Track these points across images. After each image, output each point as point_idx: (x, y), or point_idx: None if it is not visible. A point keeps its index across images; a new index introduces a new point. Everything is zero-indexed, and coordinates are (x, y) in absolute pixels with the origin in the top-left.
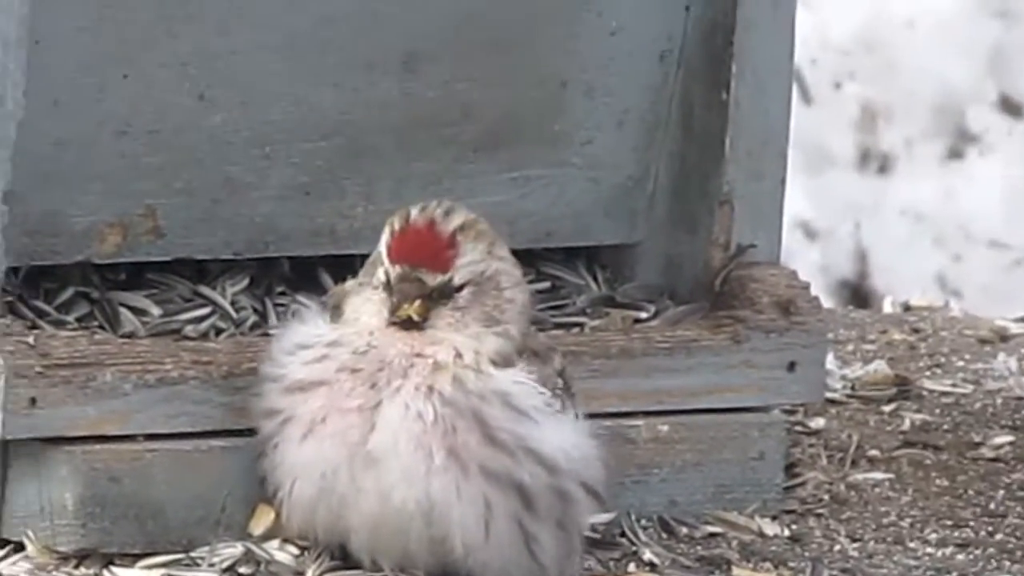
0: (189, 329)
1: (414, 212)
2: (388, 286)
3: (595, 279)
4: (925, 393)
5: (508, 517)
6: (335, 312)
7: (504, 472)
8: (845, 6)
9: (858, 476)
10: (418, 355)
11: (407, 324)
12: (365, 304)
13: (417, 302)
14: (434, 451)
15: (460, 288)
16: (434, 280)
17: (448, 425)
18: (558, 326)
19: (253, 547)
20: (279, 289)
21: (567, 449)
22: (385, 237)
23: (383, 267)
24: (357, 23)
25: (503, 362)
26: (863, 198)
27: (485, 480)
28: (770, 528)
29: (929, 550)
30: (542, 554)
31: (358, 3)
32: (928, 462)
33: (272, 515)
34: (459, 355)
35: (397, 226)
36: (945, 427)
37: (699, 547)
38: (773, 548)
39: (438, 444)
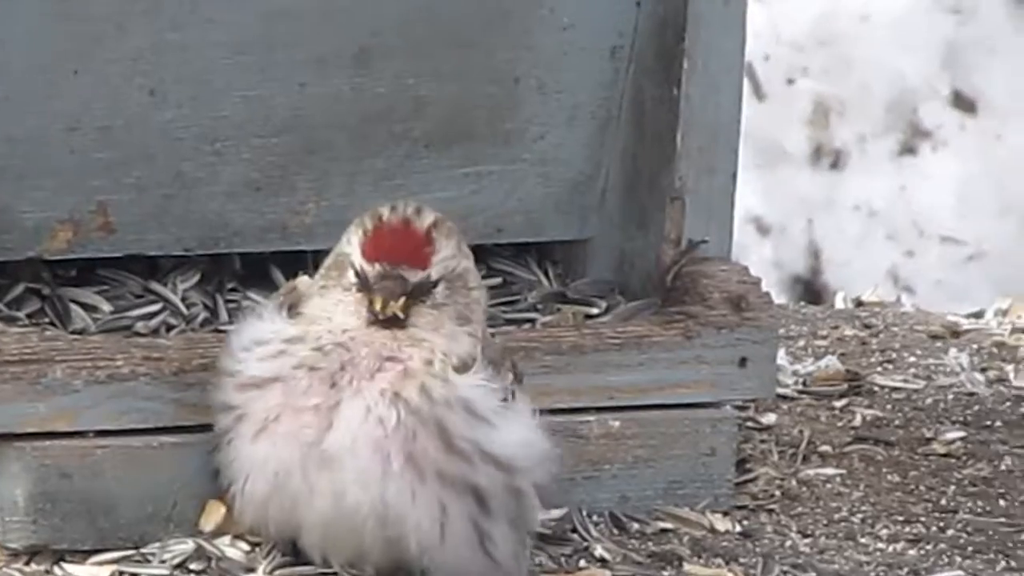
0: (140, 326)
1: (385, 212)
2: (366, 285)
3: (546, 275)
4: (876, 389)
5: (463, 519)
6: (291, 312)
7: (460, 477)
8: (799, 1)
9: (809, 472)
10: (390, 359)
11: (390, 322)
12: (337, 306)
13: (401, 299)
14: (392, 456)
15: (436, 284)
16: (415, 277)
17: (409, 432)
18: (509, 322)
19: (204, 543)
20: (230, 285)
21: (521, 448)
22: (356, 238)
23: (355, 267)
24: (309, 18)
25: (464, 366)
26: (816, 194)
27: (441, 485)
28: (721, 524)
29: (880, 545)
30: (496, 551)
31: None
32: (879, 458)
33: (223, 511)
34: (430, 361)
35: (370, 225)
36: (896, 423)
37: (650, 543)
38: (724, 544)
39: (397, 449)
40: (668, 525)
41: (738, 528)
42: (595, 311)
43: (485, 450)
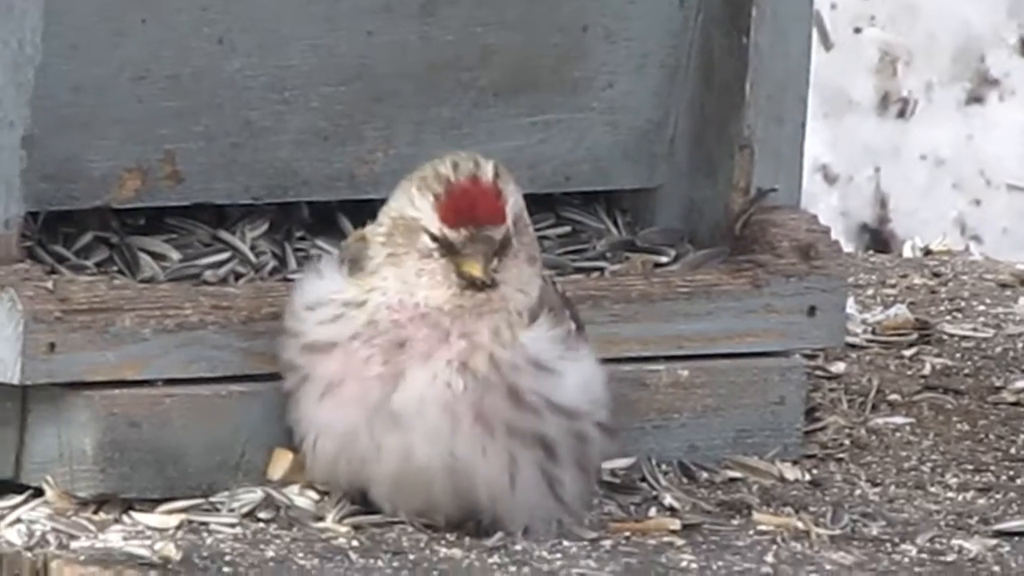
0: (208, 274)
1: (449, 171)
2: (454, 251)
3: (615, 223)
4: (946, 337)
5: (533, 467)
6: (353, 266)
7: (530, 429)
8: None
9: (879, 421)
10: (462, 334)
11: (484, 285)
12: (420, 277)
13: (494, 260)
14: (461, 415)
15: (512, 234)
16: (499, 233)
17: (478, 394)
18: (578, 270)
19: (273, 492)
20: (298, 234)
21: (584, 392)
22: (426, 203)
23: (435, 234)
24: None
25: (533, 317)
26: (883, 143)
27: (510, 437)
28: (790, 473)
29: (950, 494)
30: (565, 494)
31: None
32: (949, 406)
33: (290, 458)
34: (498, 331)
35: (440, 188)
36: (966, 371)
37: (719, 492)
38: (794, 493)
39: (465, 409)
40: (737, 474)
41: (807, 477)
42: (664, 260)
43: (553, 401)
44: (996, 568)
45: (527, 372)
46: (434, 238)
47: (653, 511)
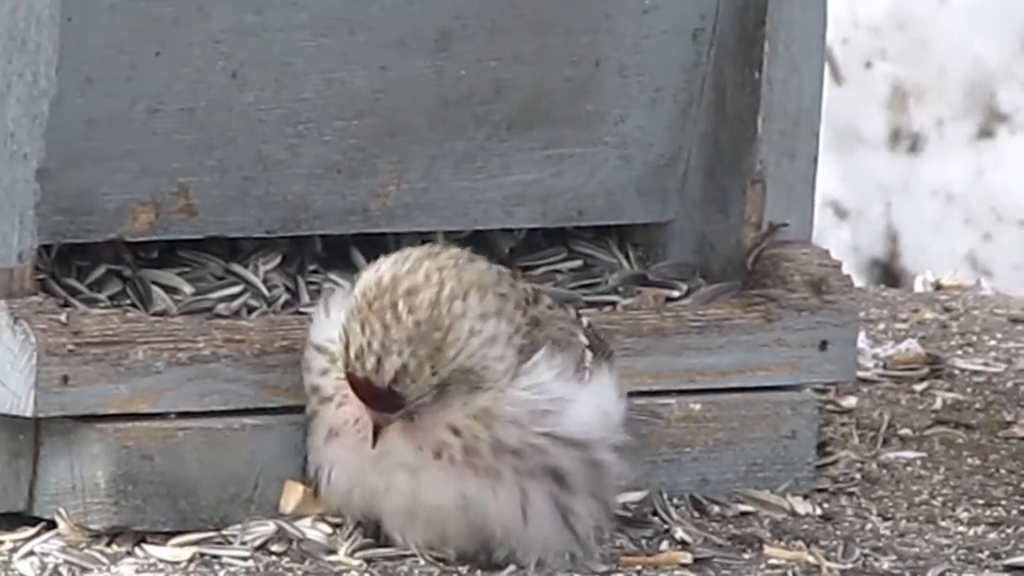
0: (221, 307)
1: (352, 360)
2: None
3: (627, 257)
4: (957, 372)
5: (545, 499)
6: None
7: (538, 464)
8: None
9: (890, 455)
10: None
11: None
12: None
13: (391, 423)
14: (464, 471)
15: (423, 400)
16: (394, 415)
17: (475, 455)
18: (590, 304)
19: (285, 525)
20: (311, 267)
21: (597, 418)
22: (339, 360)
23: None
24: (389, 1)
25: (525, 357)
26: (894, 177)
27: (518, 475)
28: (802, 507)
29: (961, 529)
30: (578, 525)
31: None
32: (960, 441)
33: (301, 491)
34: (456, 431)
35: (343, 365)
36: (977, 406)
37: (731, 526)
38: (805, 527)
39: (464, 468)
40: (749, 508)
41: (819, 511)
42: (676, 294)
43: (558, 435)
44: None
45: (522, 419)
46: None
47: (664, 545)
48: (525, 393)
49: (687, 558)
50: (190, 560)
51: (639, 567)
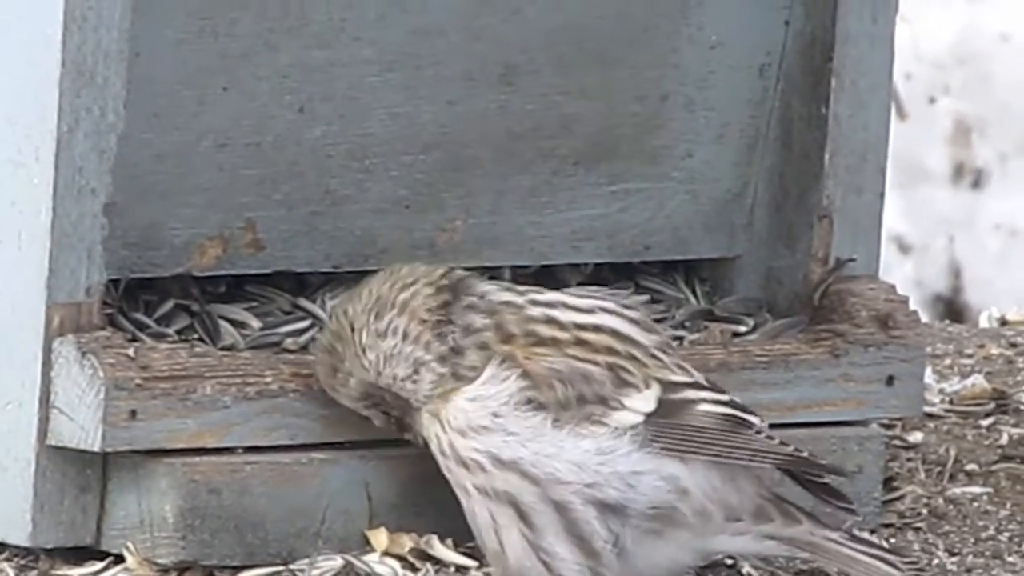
0: (289, 342)
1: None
2: None
3: (694, 293)
4: (1022, 407)
5: (514, 531)
6: None
7: (496, 489)
8: (939, 19)
9: (956, 490)
10: None
11: None
12: None
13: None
14: (447, 474)
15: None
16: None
17: (445, 459)
18: None
19: (353, 559)
20: None
21: (565, 462)
22: None
23: None
24: (456, 36)
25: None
26: (957, 212)
27: (484, 497)
28: None
29: None
30: (557, 566)
31: (456, 16)
32: None
33: (385, 533)
34: (427, 437)
35: None
36: None
37: (797, 560)
38: None
39: (446, 470)
40: None
41: (886, 546)
42: (742, 329)
43: (502, 459)
44: None
45: (462, 429)
46: None
47: None
48: (465, 404)
49: None
50: None
51: None
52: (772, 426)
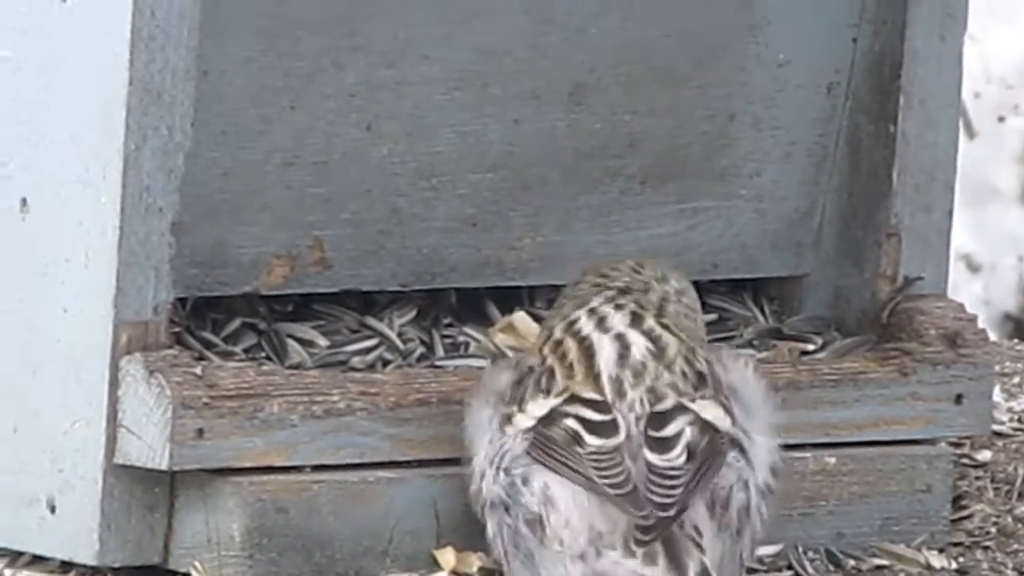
0: (356, 360)
1: None
2: None
3: (762, 311)
4: None
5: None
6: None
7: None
8: (1008, 39)
9: None
10: None
11: None
12: None
13: None
14: None
15: None
16: None
17: None
18: None
19: None
20: (446, 321)
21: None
22: None
23: None
24: (522, 55)
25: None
26: None
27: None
28: (937, 561)
29: None
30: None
31: (523, 35)
32: None
33: (450, 554)
34: None
35: None
36: None
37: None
38: None
39: None
40: (884, 562)
41: (954, 565)
42: (811, 347)
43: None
44: None
45: None
46: None
47: None
48: None
49: None
50: None
51: None
52: (841, 444)
